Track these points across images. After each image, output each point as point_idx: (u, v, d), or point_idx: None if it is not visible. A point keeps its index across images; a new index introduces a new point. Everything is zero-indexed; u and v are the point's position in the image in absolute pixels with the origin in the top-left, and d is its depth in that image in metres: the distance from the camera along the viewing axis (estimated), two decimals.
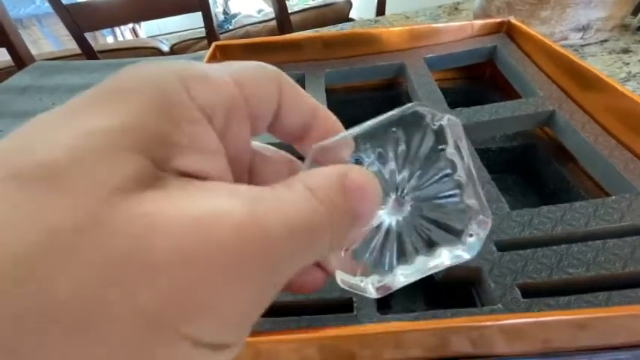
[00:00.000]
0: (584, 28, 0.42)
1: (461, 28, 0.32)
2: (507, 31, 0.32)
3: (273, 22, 0.96)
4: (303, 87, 0.31)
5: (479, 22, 0.32)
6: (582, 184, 0.23)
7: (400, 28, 0.32)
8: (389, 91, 0.35)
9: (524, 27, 0.30)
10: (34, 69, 0.51)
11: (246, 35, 1.03)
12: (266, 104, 0.10)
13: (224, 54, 0.32)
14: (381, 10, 0.99)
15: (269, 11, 1.38)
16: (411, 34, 0.32)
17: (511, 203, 0.19)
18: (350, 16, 1.27)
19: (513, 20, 0.31)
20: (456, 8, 0.66)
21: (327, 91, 0.29)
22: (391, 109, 0.10)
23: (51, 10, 0.76)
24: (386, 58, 0.32)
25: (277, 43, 0.32)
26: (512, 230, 0.18)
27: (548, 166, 0.26)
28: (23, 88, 0.46)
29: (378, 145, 0.10)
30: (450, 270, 0.11)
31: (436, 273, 0.15)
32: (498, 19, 0.32)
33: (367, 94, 0.35)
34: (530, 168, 0.28)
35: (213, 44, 0.31)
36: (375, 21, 0.71)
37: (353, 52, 0.33)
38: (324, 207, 0.08)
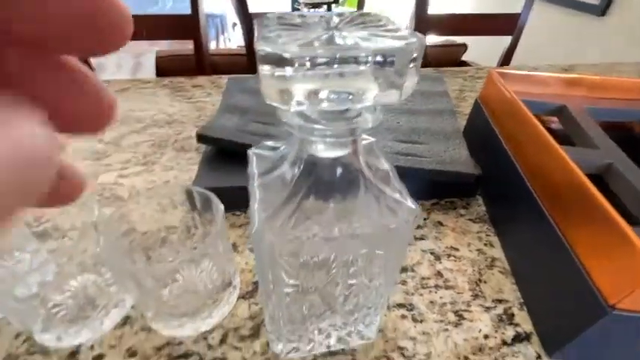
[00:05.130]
0: None
1: None
2: None
3: None
4: (567, 117, 0.36)
5: None
6: None
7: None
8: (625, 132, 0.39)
9: None
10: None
11: None
12: None
13: (504, 79, 0.38)
14: (507, 59, 1.04)
15: None
16: None
17: None
18: (463, 59, 1.34)
19: None
20: (566, 70, 0.73)
21: None
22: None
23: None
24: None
25: (547, 77, 0.38)
26: None
27: None
28: None
29: None
30: None
31: None
32: None
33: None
34: None
35: (492, 70, 0.37)
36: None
37: (596, 94, 0.38)
38: None
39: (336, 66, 0.11)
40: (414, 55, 0.11)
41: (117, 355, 0.23)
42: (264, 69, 0.12)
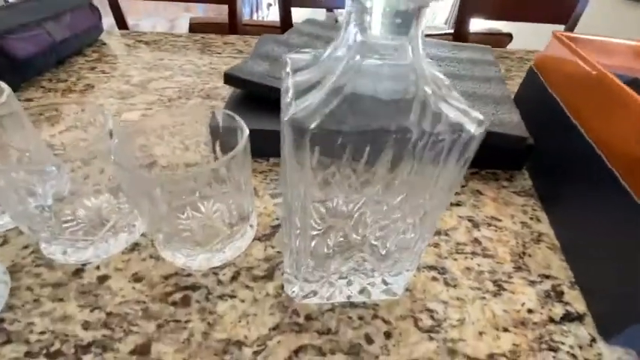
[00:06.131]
0: None
1: None
2: None
3: (448, 37, 0.99)
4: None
5: None
6: None
7: None
8: None
9: None
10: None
11: None
12: None
13: (571, 42, 0.33)
14: None
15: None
16: None
17: None
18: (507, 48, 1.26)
19: None
20: None
21: None
22: None
23: None
24: None
25: (618, 45, 0.34)
26: None
27: None
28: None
29: None
30: None
31: None
32: None
33: None
34: None
35: (556, 32, 0.33)
36: None
37: None
38: None
39: None
40: None
41: (122, 277, 0.21)
42: None
